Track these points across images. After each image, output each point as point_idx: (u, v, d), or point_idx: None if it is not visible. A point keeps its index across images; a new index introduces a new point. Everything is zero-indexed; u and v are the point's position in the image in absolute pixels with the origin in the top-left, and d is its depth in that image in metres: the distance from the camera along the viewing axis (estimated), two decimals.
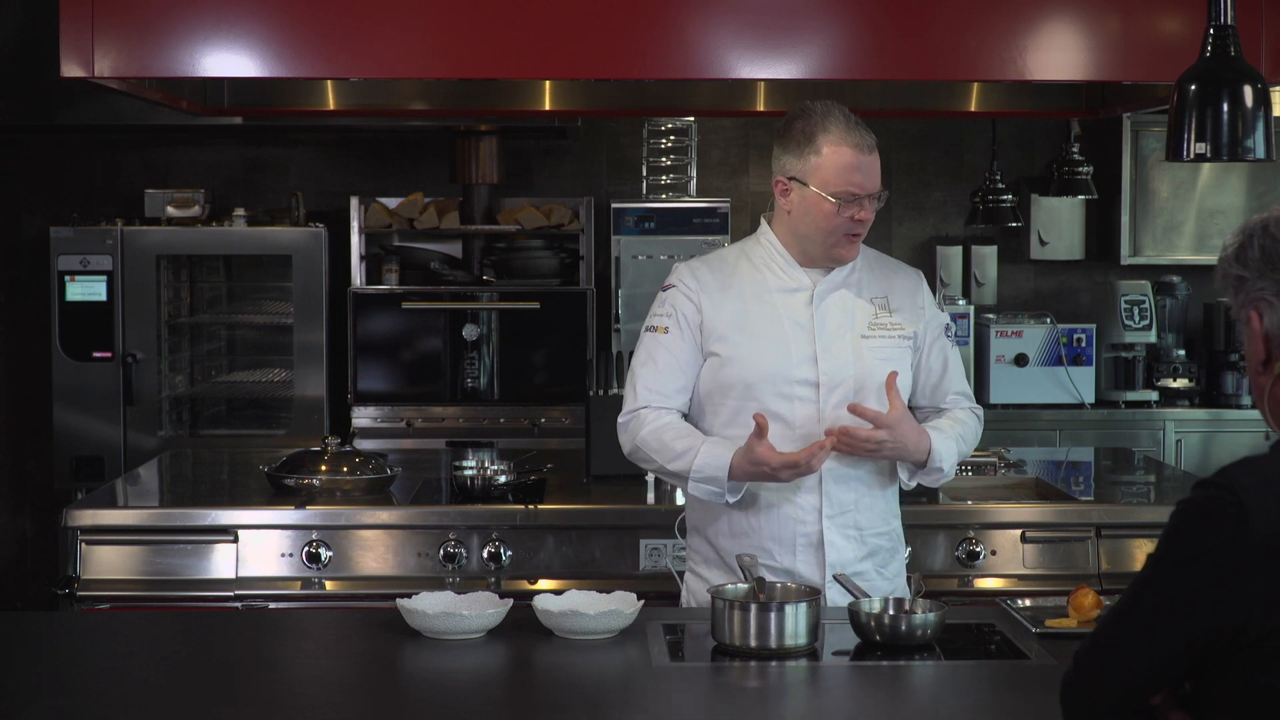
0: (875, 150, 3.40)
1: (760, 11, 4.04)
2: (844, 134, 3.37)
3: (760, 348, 3.36)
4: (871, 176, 3.39)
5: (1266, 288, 2.01)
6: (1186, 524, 1.91)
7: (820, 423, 3.32)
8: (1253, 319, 2.03)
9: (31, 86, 6.39)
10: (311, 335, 6.53)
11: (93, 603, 4.08)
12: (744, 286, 3.43)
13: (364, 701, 2.68)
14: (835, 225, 3.35)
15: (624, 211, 6.61)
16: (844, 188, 3.35)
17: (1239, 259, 2.04)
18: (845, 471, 3.35)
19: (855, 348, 3.38)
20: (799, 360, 3.35)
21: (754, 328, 3.38)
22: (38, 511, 7.09)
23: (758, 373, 3.35)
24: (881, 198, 3.41)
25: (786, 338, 3.37)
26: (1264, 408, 2.04)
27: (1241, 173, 6.89)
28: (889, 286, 3.47)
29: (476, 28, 4.03)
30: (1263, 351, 2.03)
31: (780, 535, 3.35)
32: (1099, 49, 4.12)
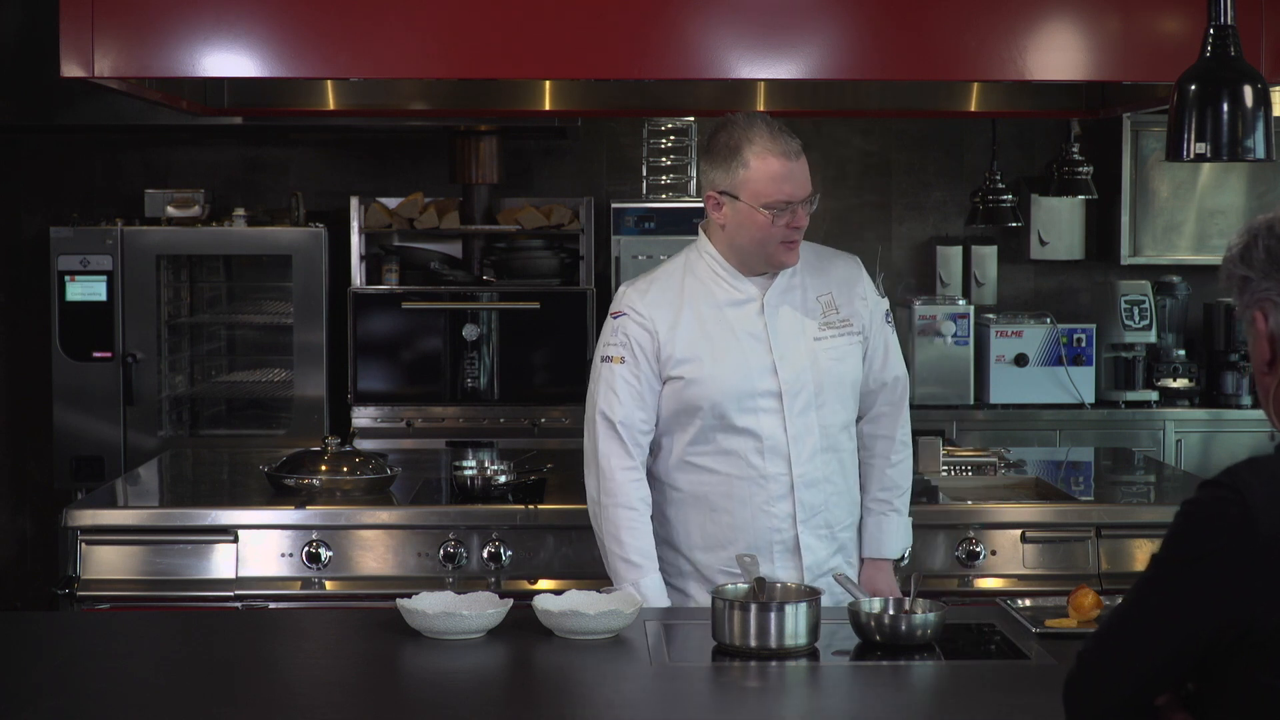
0: (802, 155, 3.35)
1: (760, 11, 4.04)
2: (769, 144, 3.31)
3: (721, 365, 3.39)
4: (801, 183, 3.34)
5: (1271, 288, 2.01)
6: (1191, 524, 1.90)
7: (786, 432, 3.38)
8: (1257, 319, 2.03)
9: (31, 86, 6.39)
10: (311, 335, 6.53)
11: (93, 603, 4.08)
12: (694, 304, 3.43)
13: (364, 701, 2.68)
14: (771, 235, 3.35)
15: (624, 211, 6.60)
16: (775, 198, 3.33)
17: (1244, 259, 2.04)
18: (815, 476, 3.42)
19: (810, 351, 3.42)
20: (759, 372, 3.39)
21: (712, 346, 3.40)
22: (38, 511, 7.09)
23: (721, 391, 3.38)
24: (814, 200, 3.38)
25: (744, 351, 3.40)
26: (1269, 408, 2.05)
27: (1241, 173, 6.89)
28: (830, 282, 3.48)
29: (476, 28, 4.03)
30: (1268, 352, 2.03)
31: (756, 544, 3.40)
32: (1099, 49, 4.12)
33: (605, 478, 3.47)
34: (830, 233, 7.19)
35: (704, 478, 3.45)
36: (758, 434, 3.39)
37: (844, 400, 3.46)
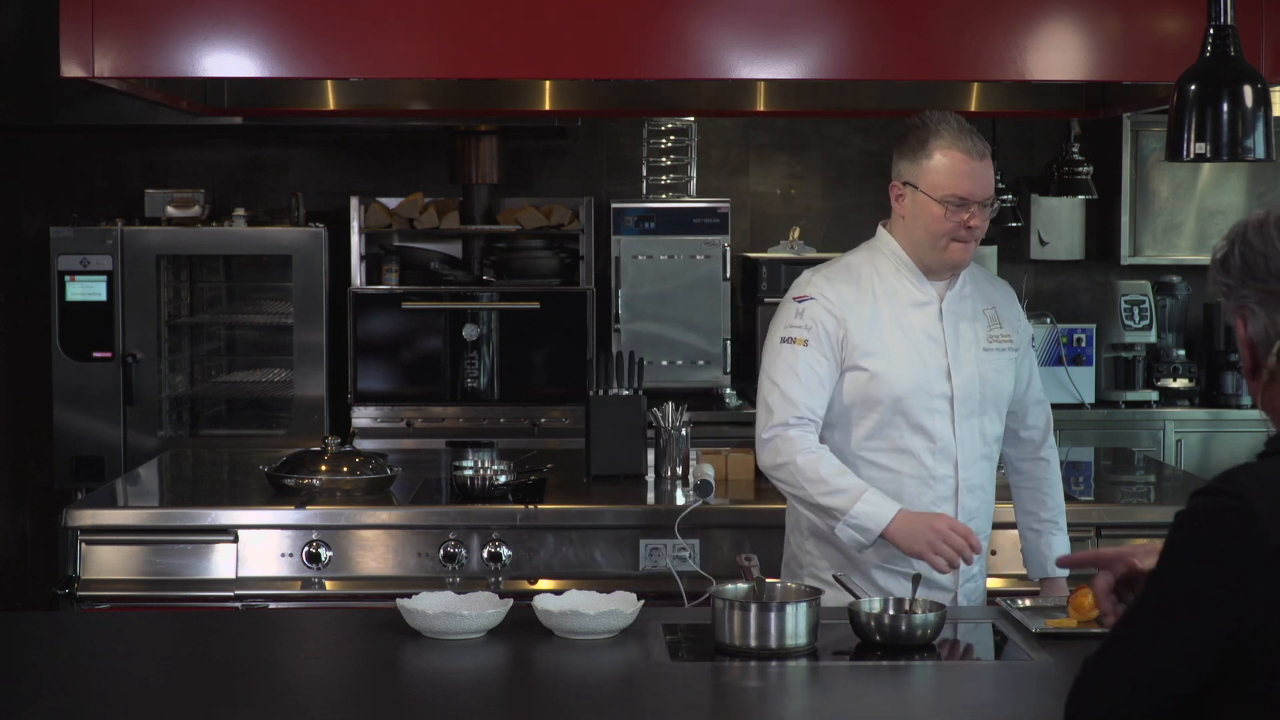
0: (987, 158, 3.42)
1: (760, 11, 4.04)
2: (955, 139, 3.38)
3: (903, 362, 3.42)
4: (981, 183, 3.39)
5: (1249, 295, 2.01)
6: (1196, 533, 1.89)
7: (954, 437, 3.44)
8: (1238, 326, 2.04)
9: (31, 86, 6.39)
10: (311, 335, 6.53)
11: (93, 603, 4.09)
12: (878, 298, 3.47)
13: (364, 701, 2.68)
14: (943, 229, 3.40)
15: (624, 211, 6.61)
16: (952, 191, 3.38)
17: (1223, 267, 2.04)
18: (975, 481, 3.49)
19: (978, 360, 3.48)
20: (935, 374, 3.43)
21: (894, 342, 3.44)
22: (38, 511, 7.09)
23: (905, 386, 3.41)
24: (994, 206, 3.44)
25: (922, 352, 3.44)
26: (1263, 411, 2.06)
27: (1241, 173, 6.89)
28: (994, 297, 3.57)
29: (476, 28, 4.03)
30: (1250, 359, 2.05)
31: None
32: (1099, 49, 4.12)
33: (782, 444, 3.38)
34: (830, 233, 7.19)
35: (875, 474, 3.42)
36: (932, 435, 3.42)
37: (1000, 412, 3.54)
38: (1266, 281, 2.00)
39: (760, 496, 4.41)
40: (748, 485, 4.52)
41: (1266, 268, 2.00)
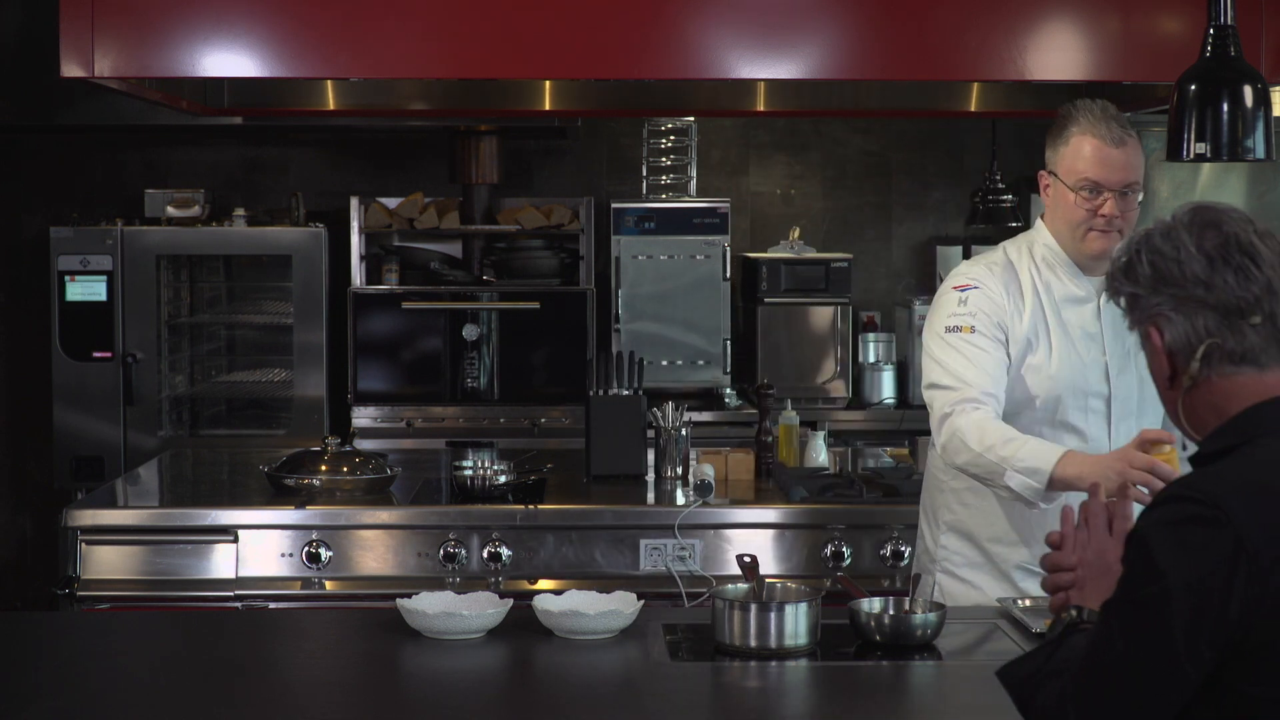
0: (1128, 145, 3.27)
1: (760, 11, 4.04)
2: (1092, 125, 3.28)
3: (1060, 358, 3.34)
4: (1116, 170, 3.26)
5: (1163, 303, 2.00)
6: (1178, 544, 1.85)
7: (1110, 438, 3.33)
8: (1152, 335, 2.02)
9: (31, 86, 6.38)
10: (311, 335, 6.52)
11: (93, 603, 4.08)
12: (1035, 292, 3.38)
13: (364, 701, 2.68)
14: (1079, 218, 3.30)
15: (624, 211, 6.60)
16: (1084, 175, 3.28)
17: (1128, 276, 2.03)
18: None
19: (1139, 361, 3.32)
20: (1094, 373, 3.34)
21: (1052, 337, 3.35)
22: (38, 511, 7.08)
23: (1061, 384, 3.33)
24: (1135, 192, 3.30)
25: (1080, 349, 3.35)
26: (1179, 422, 2.03)
27: (1241, 173, 6.89)
28: None
29: (476, 28, 4.03)
30: (1168, 367, 2.02)
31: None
32: (1099, 49, 4.12)
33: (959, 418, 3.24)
34: (830, 233, 7.19)
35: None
36: (1085, 435, 3.34)
37: (1157, 418, 3.35)
38: (1183, 287, 1.98)
39: (760, 496, 4.42)
40: (748, 485, 4.52)
41: (1181, 273, 1.98)
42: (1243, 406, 1.96)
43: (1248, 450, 1.92)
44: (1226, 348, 1.96)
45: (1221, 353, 1.97)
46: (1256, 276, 1.96)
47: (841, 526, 4.20)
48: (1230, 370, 1.97)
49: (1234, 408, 1.96)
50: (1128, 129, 3.29)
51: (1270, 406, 1.95)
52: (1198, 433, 2.01)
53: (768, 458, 4.66)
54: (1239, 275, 1.96)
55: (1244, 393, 1.97)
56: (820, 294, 6.65)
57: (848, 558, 4.17)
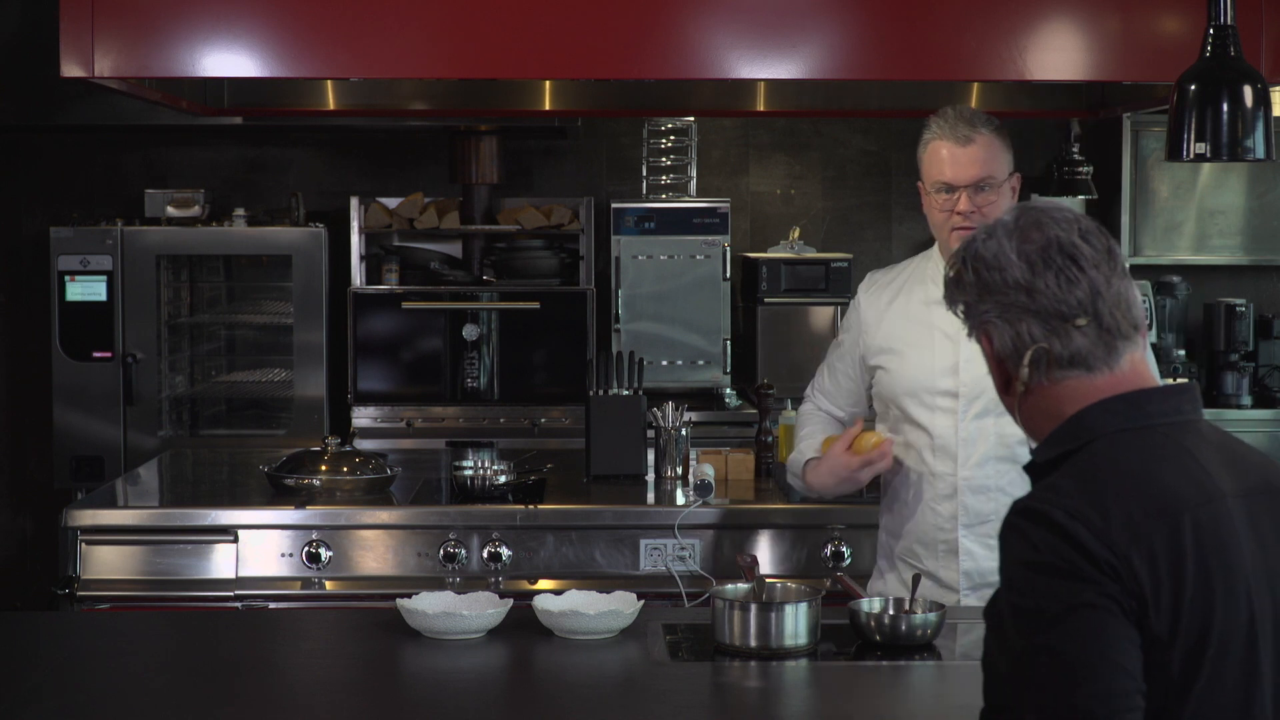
0: (976, 142, 3.35)
1: (760, 11, 4.04)
2: (941, 130, 3.39)
3: (909, 360, 3.47)
4: (964, 167, 3.35)
5: (989, 309, 1.99)
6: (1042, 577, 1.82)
7: (958, 433, 3.40)
8: (984, 343, 2.02)
9: (31, 86, 6.39)
10: (311, 335, 6.52)
11: (93, 603, 4.08)
12: (906, 298, 3.53)
13: (364, 701, 2.68)
14: (941, 220, 3.40)
15: (624, 211, 6.60)
16: (935, 178, 3.38)
17: (959, 286, 2.02)
18: (984, 483, 3.39)
19: None
20: (942, 371, 3.42)
21: (907, 341, 3.48)
22: (38, 511, 7.09)
23: (908, 383, 3.46)
24: (991, 186, 3.36)
25: (935, 348, 3.44)
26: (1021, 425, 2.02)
27: (1241, 173, 6.89)
28: None
29: (476, 28, 4.03)
30: (1001, 374, 2.02)
31: (925, 539, 3.44)
32: (1099, 49, 4.12)
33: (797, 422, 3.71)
34: (830, 233, 7.19)
35: (896, 468, 3.51)
36: (930, 430, 3.42)
37: None
38: (1005, 294, 1.96)
39: (760, 496, 4.42)
40: (748, 485, 4.52)
41: (1002, 280, 1.97)
42: (1074, 410, 1.94)
43: (1079, 457, 1.91)
44: (1054, 353, 1.95)
45: (1049, 358, 1.95)
46: (1080, 279, 1.95)
47: (841, 526, 4.20)
48: (1059, 375, 1.96)
49: (1067, 411, 1.95)
50: (979, 127, 3.36)
51: (1097, 409, 1.93)
52: (1036, 439, 2.00)
53: (768, 458, 4.66)
54: (1061, 278, 1.94)
55: (1075, 396, 1.95)
56: (820, 294, 6.65)
57: (848, 558, 4.17)
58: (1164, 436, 1.92)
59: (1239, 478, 1.94)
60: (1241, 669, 1.85)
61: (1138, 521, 1.82)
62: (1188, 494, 1.87)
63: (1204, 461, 1.91)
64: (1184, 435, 1.93)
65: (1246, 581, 1.86)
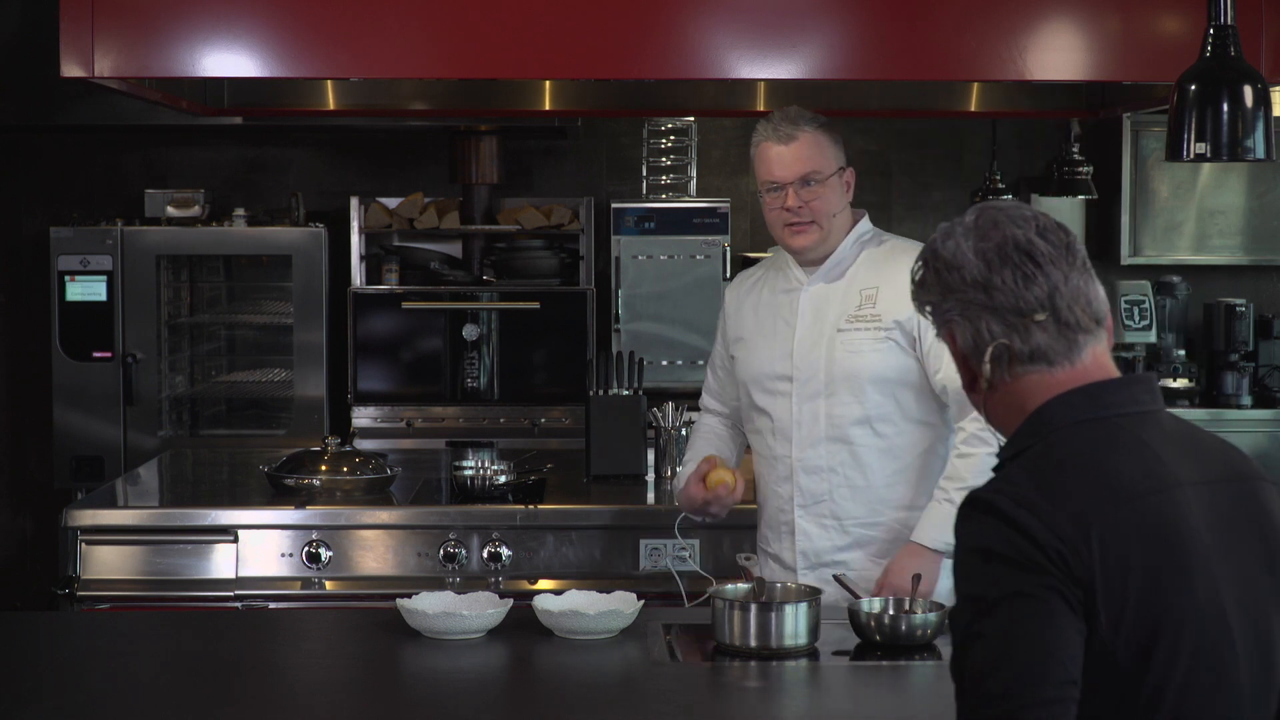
0: (799, 139, 3.45)
1: (760, 11, 4.04)
2: (765, 132, 3.47)
3: (756, 348, 3.57)
4: (787, 164, 3.45)
5: (952, 308, 2.01)
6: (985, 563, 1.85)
7: (793, 417, 3.48)
8: (949, 342, 2.04)
9: (31, 86, 6.39)
10: (311, 335, 6.53)
11: (93, 603, 4.08)
12: (760, 289, 3.63)
13: (364, 701, 2.68)
14: (773, 218, 3.51)
15: (624, 211, 6.60)
16: (764, 178, 3.49)
17: (923, 287, 2.05)
18: (817, 464, 3.47)
19: (829, 342, 3.48)
20: (780, 356, 3.51)
21: (757, 329, 3.58)
22: (38, 511, 7.08)
23: (749, 372, 3.58)
24: (817, 181, 3.45)
25: (777, 335, 3.53)
26: (989, 424, 2.06)
27: (1241, 173, 6.89)
28: (884, 276, 3.48)
29: (476, 28, 4.02)
30: (965, 371, 2.04)
31: (771, 521, 3.56)
32: (1099, 49, 4.12)
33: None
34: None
35: (752, 455, 3.67)
36: (773, 415, 3.51)
37: (859, 394, 3.44)
38: (964, 292, 1.99)
39: None
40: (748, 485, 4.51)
41: (961, 278, 1.99)
42: (1036, 404, 1.97)
43: (1036, 449, 1.94)
44: (1015, 348, 1.98)
45: (1010, 354, 1.98)
46: (1037, 275, 1.97)
47: None
48: (1021, 370, 1.98)
49: (1030, 406, 1.98)
50: (802, 125, 3.45)
51: (1056, 402, 1.96)
52: (1004, 435, 2.03)
53: None
54: (1018, 275, 1.97)
55: (1037, 391, 1.98)
56: None
57: None
58: (1119, 427, 1.94)
59: (1201, 467, 1.96)
60: (1212, 657, 1.86)
61: (1086, 510, 1.85)
62: (1140, 483, 1.89)
63: (1159, 451, 1.93)
64: (1141, 426, 1.96)
65: (1207, 570, 1.88)
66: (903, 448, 3.47)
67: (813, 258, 3.52)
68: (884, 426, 3.46)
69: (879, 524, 3.46)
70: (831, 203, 3.48)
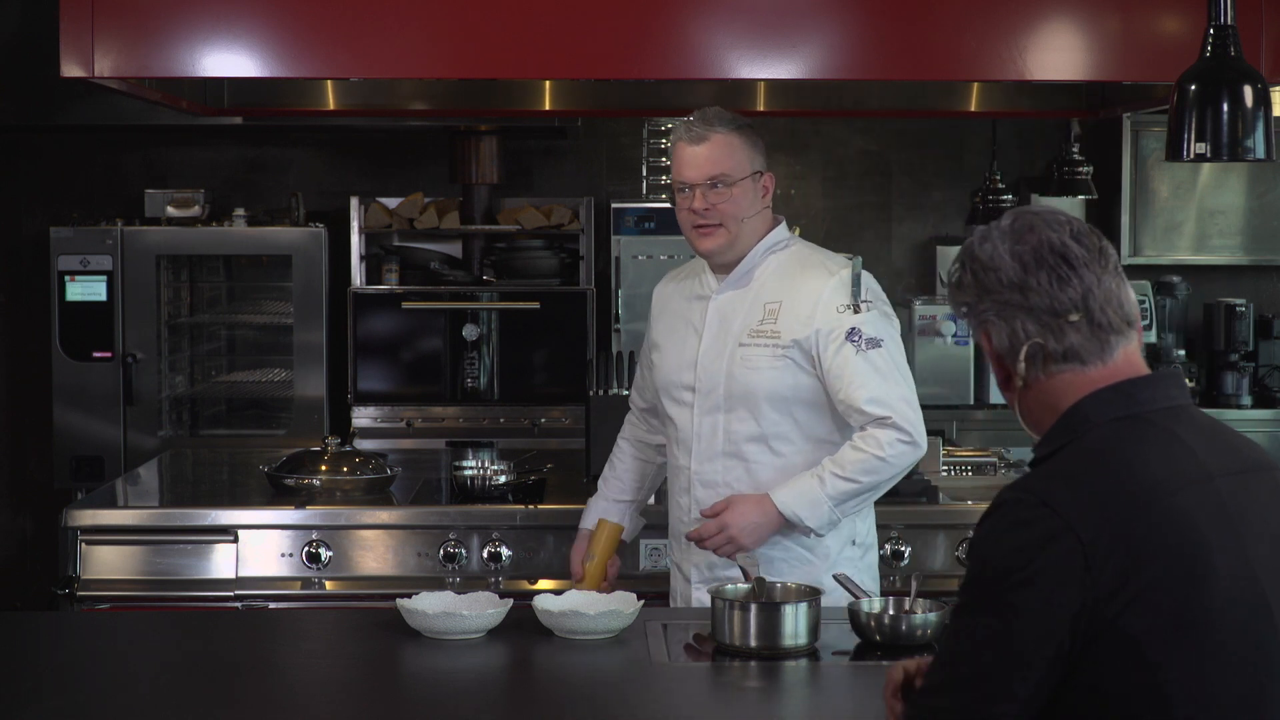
0: (710, 140, 3.36)
1: (760, 11, 4.04)
2: (679, 132, 3.41)
3: (667, 355, 3.52)
4: (697, 165, 3.37)
5: (988, 309, 2.05)
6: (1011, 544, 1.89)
7: (693, 429, 3.44)
8: (984, 342, 2.08)
9: (31, 86, 6.39)
10: (311, 335, 6.53)
11: (93, 603, 4.08)
12: (679, 294, 3.57)
13: (364, 701, 2.68)
14: (683, 219, 3.44)
15: (624, 211, 6.60)
16: (675, 177, 3.43)
17: (959, 288, 2.09)
18: (713, 478, 3.42)
19: (730, 355, 3.40)
20: (685, 366, 3.46)
21: (669, 335, 3.54)
22: (38, 511, 7.09)
23: (661, 379, 3.53)
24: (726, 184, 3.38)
25: (685, 344, 3.48)
26: (1024, 423, 2.08)
27: (1241, 173, 6.89)
28: (788, 290, 3.39)
29: (476, 28, 4.02)
30: (1000, 370, 2.08)
31: (674, 531, 3.55)
32: (1099, 49, 4.12)
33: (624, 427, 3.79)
34: (830, 233, 7.19)
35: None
36: (676, 425, 3.48)
37: (755, 411, 3.37)
38: (1000, 293, 2.04)
39: None
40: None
41: (998, 280, 2.04)
42: (1070, 402, 2.01)
43: (1073, 445, 1.97)
44: (1049, 348, 2.02)
45: (1045, 353, 2.02)
46: (1071, 277, 2.03)
47: None
48: (1055, 369, 2.02)
49: (1063, 404, 2.02)
50: (716, 126, 3.36)
51: (1090, 399, 2.00)
52: (1037, 433, 2.06)
53: None
54: (1053, 277, 2.03)
55: (1070, 390, 2.02)
56: None
57: None
58: (1151, 423, 1.98)
59: (1230, 458, 2.00)
60: (1247, 641, 1.89)
61: (1110, 504, 1.88)
62: (1170, 478, 1.92)
63: (1192, 444, 1.98)
64: (1174, 420, 2.00)
65: (1242, 554, 1.90)
66: (800, 466, 3.36)
67: (722, 262, 3.43)
68: (780, 444, 3.38)
69: (773, 540, 3.35)
70: (741, 206, 3.38)
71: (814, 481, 3.28)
